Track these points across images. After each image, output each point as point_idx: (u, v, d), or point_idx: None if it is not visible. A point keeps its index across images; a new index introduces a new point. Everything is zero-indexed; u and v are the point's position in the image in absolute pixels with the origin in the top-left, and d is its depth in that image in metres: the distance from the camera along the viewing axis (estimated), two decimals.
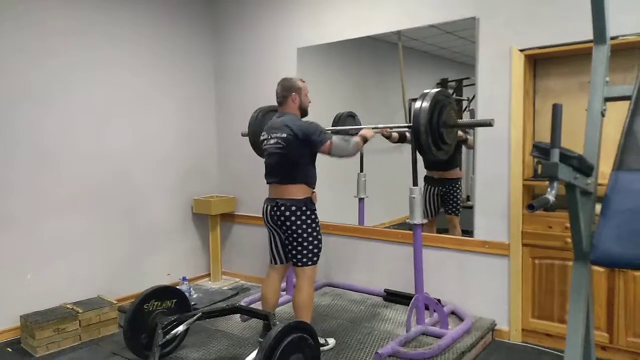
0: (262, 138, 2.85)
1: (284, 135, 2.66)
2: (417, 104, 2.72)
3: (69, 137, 3.57)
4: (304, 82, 2.84)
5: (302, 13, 4.01)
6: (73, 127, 3.59)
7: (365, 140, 2.84)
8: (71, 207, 3.59)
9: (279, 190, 2.71)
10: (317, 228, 2.74)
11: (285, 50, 4.12)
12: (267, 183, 2.80)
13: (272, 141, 2.73)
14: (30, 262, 3.39)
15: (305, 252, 2.70)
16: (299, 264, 2.72)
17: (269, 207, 2.74)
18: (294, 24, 4.06)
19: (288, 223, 2.65)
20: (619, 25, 2.49)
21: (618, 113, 1.75)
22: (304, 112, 2.84)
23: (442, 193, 3.79)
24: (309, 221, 2.68)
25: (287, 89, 2.77)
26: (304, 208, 2.67)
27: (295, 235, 2.67)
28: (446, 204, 3.78)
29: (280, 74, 4.10)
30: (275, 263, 2.86)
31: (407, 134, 3.37)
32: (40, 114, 3.41)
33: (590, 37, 1.73)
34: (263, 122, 3.34)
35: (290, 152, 2.66)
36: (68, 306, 3.39)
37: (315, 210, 2.74)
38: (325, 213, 3.67)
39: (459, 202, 3.77)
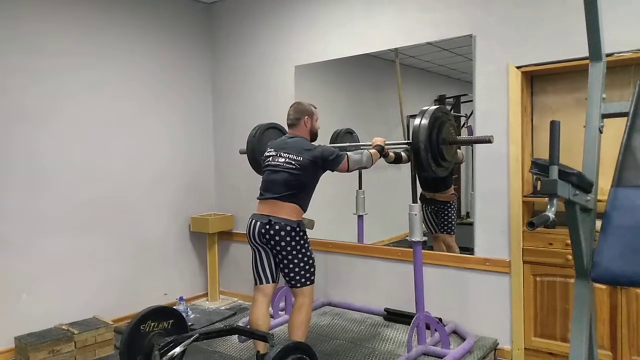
0: (267, 154, 2.84)
1: (300, 159, 2.68)
2: (416, 121, 2.71)
3: (64, 156, 3.56)
4: (315, 107, 2.92)
5: (299, 31, 4.04)
6: (68, 146, 3.58)
7: (381, 150, 2.90)
8: (66, 226, 3.57)
9: (275, 207, 2.67)
10: (310, 247, 2.73)
11: (283, 68, 4.14)
12: (262, 198, 2.75)
13: (280, 159, 2.72)
14: (25, 283, 3.35)
15: (302, 272, 2.67)
16: (298, 285, 2.68)
17: (258, 224, 2.68)
18: (292, 42, 4.09)
19: (283, 243, 2.62)
20: (615, 42, 2.50)
21: (616, 129, 1.75)
22: (314, 136, 2.90)
23: (434, 212, 3.79)
24: (302, 242, 2.66)
25: (300, 112, 2.84)
26: (297, 229, 2.65)
27: (290, 257, 2.64)
28: (439, 224, 3.79)
29: (278, 92, 4.18)
30: (261, 283, 2.77)
31: (403, 155, 3.35)
32: (35, 134, 3.41)
33: (586, 54, 1.73)
34: (262, 139, 3.34)
35: (304, 174, 2.68)
36: (63, 327, 3.34)
37: (305, 230, 2.74)
38: (324, 231, 3.66)
39: (451, 221, 3.76)
